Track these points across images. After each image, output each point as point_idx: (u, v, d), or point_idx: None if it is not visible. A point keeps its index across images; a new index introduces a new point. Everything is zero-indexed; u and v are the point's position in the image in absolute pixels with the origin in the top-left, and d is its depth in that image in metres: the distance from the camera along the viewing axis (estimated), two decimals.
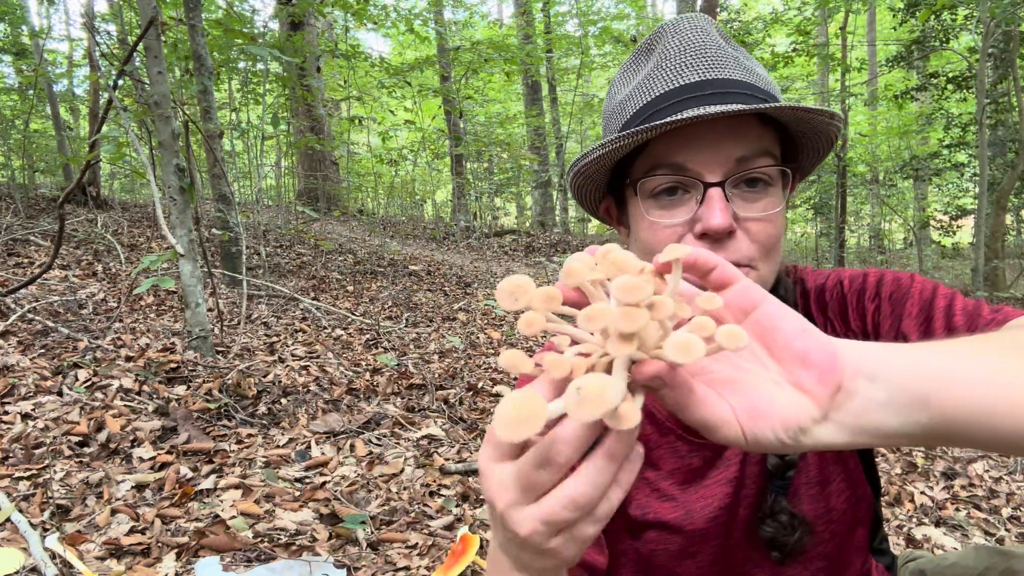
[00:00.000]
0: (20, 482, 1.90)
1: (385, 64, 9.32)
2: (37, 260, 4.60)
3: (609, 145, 0.67)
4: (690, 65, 0.70)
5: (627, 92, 0.75)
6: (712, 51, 0.71)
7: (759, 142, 0.68)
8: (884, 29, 15.51)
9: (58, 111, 8.20)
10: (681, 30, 0.73)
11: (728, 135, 0.67)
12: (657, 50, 0.74)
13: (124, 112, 3.07)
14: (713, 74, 0.69)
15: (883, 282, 0.71)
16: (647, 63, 0.75)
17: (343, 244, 7.52)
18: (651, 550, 0.77)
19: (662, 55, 0.72)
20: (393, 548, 1.80)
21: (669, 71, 0.70)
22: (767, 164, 0.68)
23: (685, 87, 0.69)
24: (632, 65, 0.78)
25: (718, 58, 0.70)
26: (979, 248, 7.51)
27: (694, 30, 0.72)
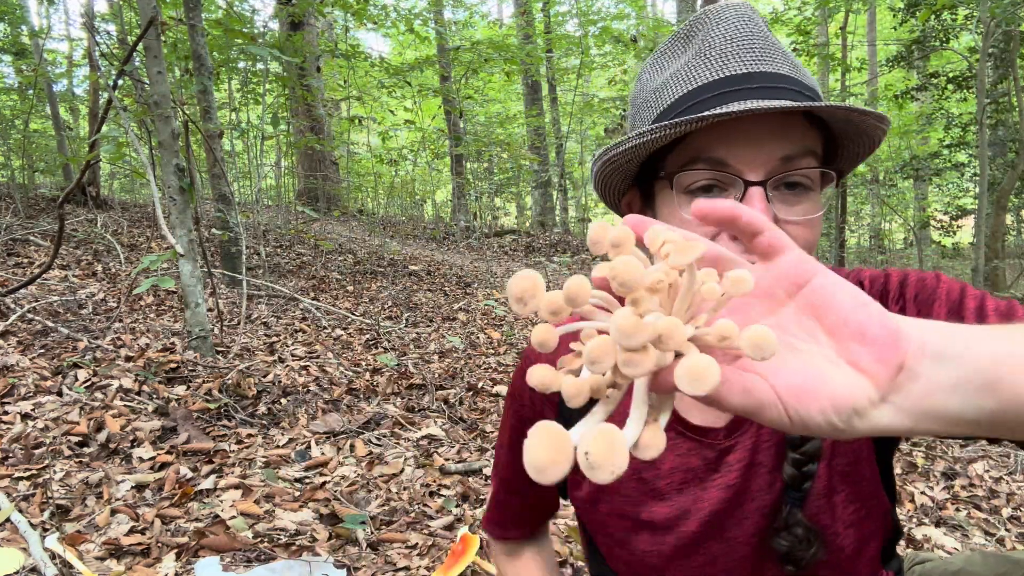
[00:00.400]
0: (20, 482, 1.90)
1: (385, 64, 9.32)
2: (37, 260, 4.60)
3: (649, 134, 0.63)
4: (736, 55, 0.66)
5: (663, 79, 0.70)
6: (760, 42, 0.67)
7: (803, 142, 0.64)
8: (884, 29, 15.51)
9: (58, 111, 8.20)
10: (725, 19, 0.68)
11: (773, 132, 0.63)
12: (698, 38, 0.69)
13: (124, 112, 3.06)
14: (761, 67, 0.65)
15: (907, 283, 0.68)
16: (685, 51, 0.71)
17: (343, 244, 7.52)
18: (644, 551, 0.76)
19: (705, 43, 0.68)
20: (393, 548, 1.80)
21: (713, 60, 0.66)
22: (811, 165, 0.65)
23: (731, 78, 0.65)
24: (668, 52, 0.73)
25: (766, 50, 0.66)
26: (979, 248, 7.51)
27: (740, 19, 0.68)
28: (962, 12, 8.35)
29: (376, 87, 10.40)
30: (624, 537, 0.78)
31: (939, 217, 11.92)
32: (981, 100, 7.26)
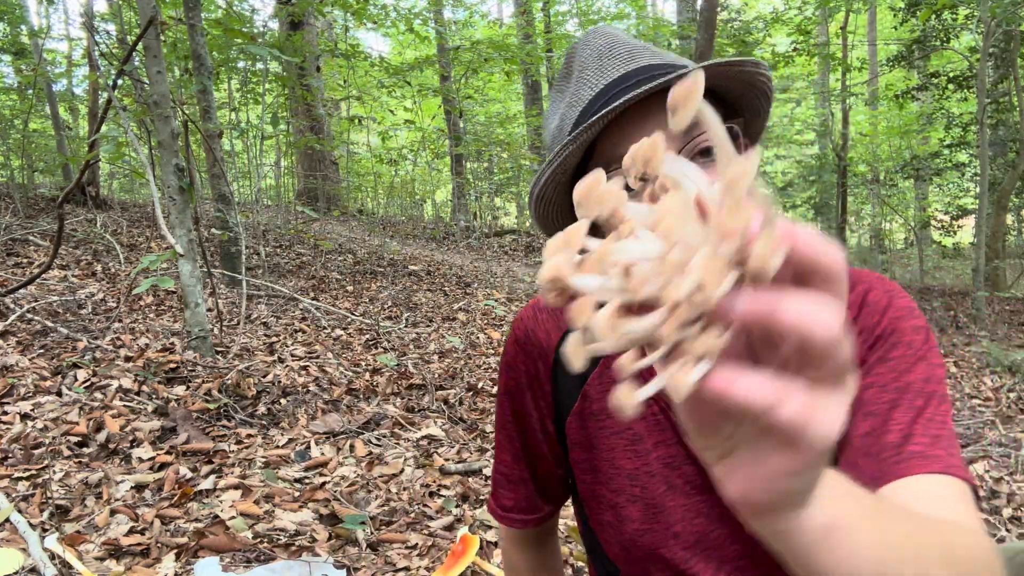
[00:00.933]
0: (19, 482, 1.90)
1: (385, 64, 9.31)
2: (36, 260, 4.60)
3: (557, 158, 0.67)
4: (608, 66, 0.71)
5: (560, 115, 0.76)
6: (625, 47, 0.73)
7: None
8: (885, 29, 15.50)
9: (57, 111, 8.19)
10: (590, 42, 0.75)
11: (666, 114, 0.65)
12: (574, 67, 0.76)
13: (123, 112, 3.06)
14: (633, 65, 0.71)
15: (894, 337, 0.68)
16: (569, 82, 0.76)
17: (343, 244, 7.52)
18: (635, 529, 0.77)
19: (580, 67, 0.74)
20: (393, 548, 1.80)
21: (590, 76, 0.72)
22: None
23: (611, 84, 0.70)
24: (557, 93, 0.79)
25: (633, 50, 0.72)
26: (980, 248, 7.50)
27: (602, 36, 0.75)
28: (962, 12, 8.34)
29: (376, 87, 10.40)
30: (616, 521, 0.79)
31: (940, 217, 11.92)
32: (982, 100, 7.25)
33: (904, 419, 0.63)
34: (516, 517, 0.92)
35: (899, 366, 0.66)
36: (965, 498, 0.58)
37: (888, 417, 0.63)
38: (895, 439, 0.62)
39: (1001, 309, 8.81)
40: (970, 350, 5.95)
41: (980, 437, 3.09)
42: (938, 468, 0.59)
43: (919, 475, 0.58)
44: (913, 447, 0.61)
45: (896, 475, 0.59)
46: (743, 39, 9.69)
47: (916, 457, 0.60)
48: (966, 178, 12.64)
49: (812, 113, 14.19)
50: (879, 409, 0.65)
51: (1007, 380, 4.47)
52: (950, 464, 0.60)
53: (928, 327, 0.70)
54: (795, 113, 14.83)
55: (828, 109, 10.89)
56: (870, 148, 12.08)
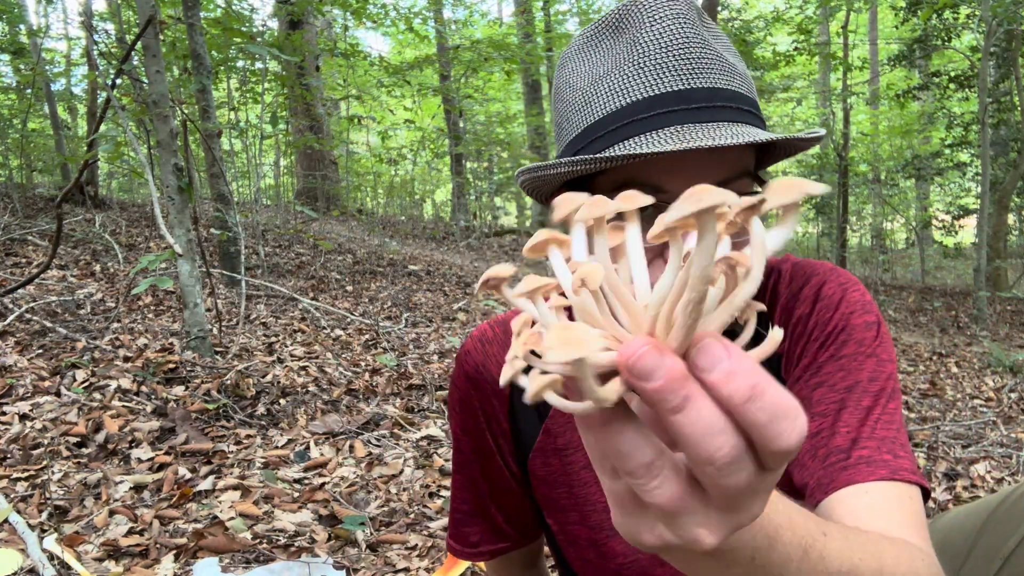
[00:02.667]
0: (18, 483, 1.89)
1: (384, 63, 9.31)
2: (35, 260, 4.59)
3: (579, 164, 0.60)
4: (672, 68, 0.61)
5: (591, 79, 0.65)
6: (696, 49, 0.62)
7: (739, 163, 0.63)
8: (886, 28, 15.49)
9: (56, 110, 8.19)
10: (660, 17, 0.63)
11: (712, 159, 0.61)
12: (628, 33, 0.64)
13: (122, 111, 3.05)
14: (698, 81, 0.61)
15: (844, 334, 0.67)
16: (615, 44, 0.65)
17: (342, 244, 7.51)
18: (620, 564, 0.74)
19: (637, 45, 0.63)
20: (392, 549, 1.79)
21: (647, 72, 0.62)
22: (746, 189, 0.63)
23: (666, 96, 0.61)
24: (594, 41, 0.67)
25: (703, 59, 0.62)
26: (981, 248, 7.50)
27: (675, 20, 0.63)
28: (964, 11, 8.34)
29: (375, 86, 10.39)
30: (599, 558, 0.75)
31: (941, 217, 11.92)
32: (983, 99, 7.25)
33: (852, 421, 0.62)
34: (486, 550, 0.86)
35: (848, 364, 0.66)
36: (908, 503, 0.58)
37: (836, 419, 0.63)
38: (843, 443, 0.61)
39: (1003, 309, 8.80)
40: (971, 350, 5.94)
41: (981, 437, 3.08)
42: (884, 474, 0.59)
43: (865, 483, 0.58)
44: (860, 451, 0.60)
45: (843, 482, 0.59)
46: (744, 38, 9.68)
47: (862, 463, 0.59)
48: (967, 178, 12.64)
49: (813, 112, 14.19)
50: (827, 410, 0.64)
51: (1008, 380, 4.46)
52: (897, 468, 0.59)
53: (880, 320, 0.69)
54: (796, 112, 14.81)
55: (829, 108, 10.89)
56: (871, 148, 12.07)
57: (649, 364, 0.26)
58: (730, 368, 0.26)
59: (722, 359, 0.26)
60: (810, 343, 0.68)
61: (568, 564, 0.82)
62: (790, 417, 0.26)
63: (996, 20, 6.84)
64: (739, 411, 0.26)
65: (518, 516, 0.85)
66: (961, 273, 12.55)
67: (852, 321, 0.67)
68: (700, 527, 0.29)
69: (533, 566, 0.95)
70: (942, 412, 3.54)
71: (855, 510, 0.57)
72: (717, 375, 0.26)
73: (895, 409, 0.64)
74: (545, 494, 0.79)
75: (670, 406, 0.26)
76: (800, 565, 0.40)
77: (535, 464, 0.79)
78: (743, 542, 0.37)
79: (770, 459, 0.27)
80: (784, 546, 0.39)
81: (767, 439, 0.26)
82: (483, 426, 0.80)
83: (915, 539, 0.55)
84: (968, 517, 0.87)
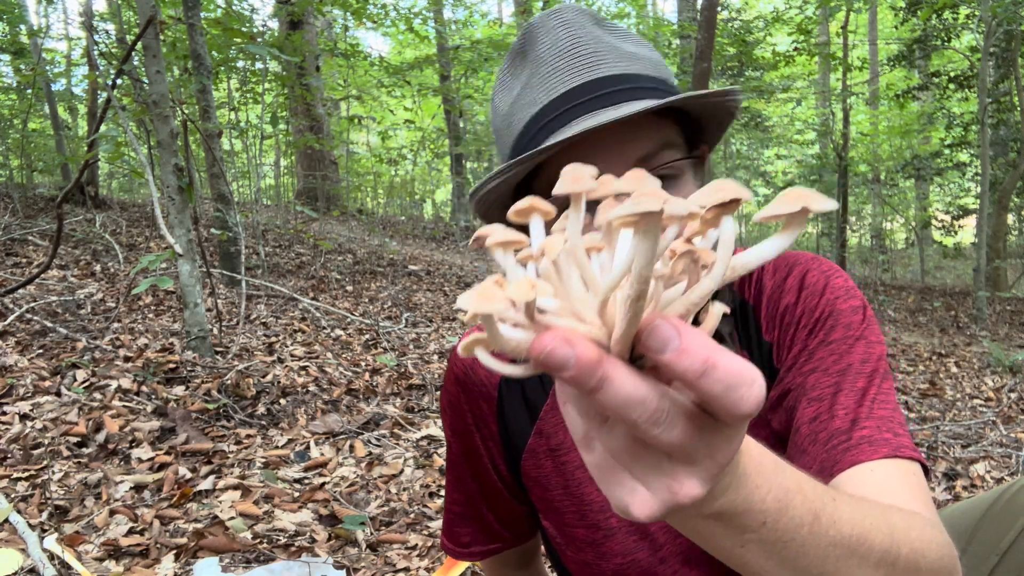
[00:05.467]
0: (18, 483, 1.89)
1: (384, 63, 9.31)
2: (35, 260, 4.59)
3: (504, 173, 0.64)
4: (567, 69, 0.66)
5: (510, 103, 0.71)
6: (587, 48, 0.67)
7: (659, 135, 0.65)
8: (885, 28, 15.49)
9: (56, 110, 8.19)
10: (550, 28, 0.69)
11: (625, 137, 0.64)
12: (530, 55, 0.70)
13: (122, 111, 3.06)
14: (594, 74, 0.65)
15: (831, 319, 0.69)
16: (523, 67, 0.71)
17: (342, 244, 7.51)
18: (619, 564, 0.74)
19: (536, 60, 0.68)
20: (393, 549, 1.79)
21: (547, 78, 0.67)
22: (673, 158, 0.65)
23: (568, 94, 0.65)
24: (509, 71, 0.73)
25: (595, 55, 0.66)
26: (981, 248, 7.50)
27: (564, 26, 0.68)
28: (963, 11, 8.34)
29: (376, 86, 10.39)
30: (597, 559, 0.75)
31: (941, 217, 11.92)
32: (983, 99, 7.25)
33: (849, 403, 0.63)
34: (477, 550, 0.87)
35: (839, 348, 0.67)
36: (913, 479, 0.59)
37: (833, 402, 0.64)
38: (843, 425, 0.62)
39: (1002, 309, 8.80)
40: (971, 350, 5.94)
41: (981, 437, 3.08)
42: (887, 452, 0.60)
43: (870, 462, 0.59)
44: (861, 431, 0.61)
45: (847, 463, 0.60)
46: (743, 38, 9.68)
47: (864, 443, 0.61)
48: (967, 178, 12.64)
49: (813, 113, 14.19)
50: (823, 394, 0.65)
51: (1008, 380, 4.46)
52: (899, 446, 0.60)
53: (866, 304, 0.70)
54: (795, 113, 14.82)
55: (829, 108, 10.89)
56: (871, 148, 12.07)
57: (559, 357, 0.28)
58: (681, 347, 0.28)
59: (672, 339, 0.28)
60: (799, 331, 0.69)
61: (565, 567, 0.82)
62: (745, 384, 0.28)
63: (996, 20, 6.84)
64: (695, 385, 0.28)
65: (510, 517, 0.86)
66: (961, 273, 12.55)
67: (838, 306, 0.69)
68: (672, 481, 0.32)
69: (528, 566, 0.95)
70: (942, 412, 3.54)
71: (863, 487, 0.58)
72: (669, 355, 0.28)
73: (889, 388, 0.66)
74: (540, 496, 0.79)
75: (587, 388, 0.29)
76: (812, 529, 0.41)
77: (527, 466, 0.79)
78: (752, 507, 0.38)
79: (730, 420, 0.30)
80: (795, 511, 0.40)
81: (726, 407, 0.29)
82: (472, 429, 0.81)
83: (924, 511, 0.56)
84: (964, 513, 0.87)
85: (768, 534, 0.39)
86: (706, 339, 0.28)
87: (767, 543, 0.39)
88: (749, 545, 0.39)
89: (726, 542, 0.39)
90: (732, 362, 0.28)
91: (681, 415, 0.30)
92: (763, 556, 0.40)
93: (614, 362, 0.29)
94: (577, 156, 0.63)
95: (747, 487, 0.37)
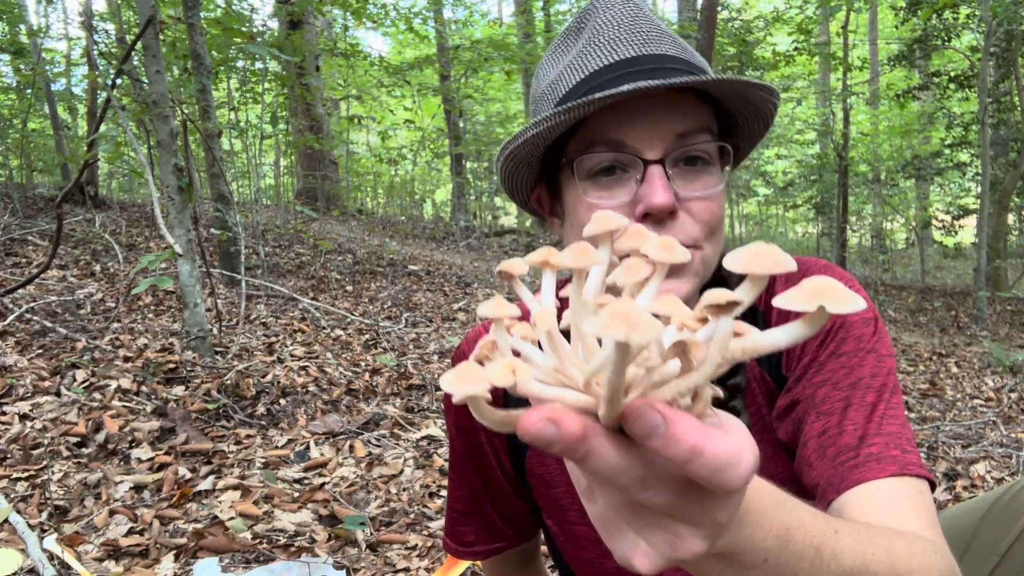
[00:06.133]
0: (18, 483, 1.89)
1: (384, 63, 9.31)
2: (35, 260, 4.59)
3: (544, 122, 0.63)
4: (624, 40, 0.68)
5: (558, 71, 0.71)
6: (645, 25, 0.69)
7: (698, 118, 0.66)
8: (886, 28, 15.49)
9: (56, 110, 8.19)
10: (611, 5, 0.71)
11: (667, 110, 0.65)
12: (587, 28, 0.71)
13: (122, 111, 3.06)
14: (649, 49, 0.67)
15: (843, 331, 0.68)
16: (577, 42, 0.72)
17: (342, 244, 7.51)
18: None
19: (594, 31, 0.70)
20: (392, 549, 1.79)
21: (603, 47, 0.68)
22: (706, 140, 0.66)
23: (621, 62, 0.67)
24: (561, 46, 0.74)
25: (652, 32, 0.69)
26: (981, 248, 7.50)
27: (625, 5, 0.71)
28: (964, 11, 8.33)
29: (375, 86, 10.39)
30: (599, 557, 0.75)
31: (941, 217, 11.91)
32: (983, 99, 7.25)
33: (858, 418, 0.63)
34: (481, 549, 0.87)
35: (850, 362, 0.67)
36: (919, 498, 0.59)
37: (843, 417, 0.64)
38: (851, 441, 0.62)
39: (1002, 309, 8.80)
40: (971, 350, 5.94)
41: (981, 437, 3.08)
42: (894, 470, 0.60)
43: (877, 480, 0.59)
44: (870, 448, 0.61)
45: (855, 480, 0.60)
46: (743, 38, 9.68)
47: (872, 460, 0.61)
48: (967, 178, 12.64)
49: (813, 112, 14.18)
50: (833, 408, 0.65)
51: (1008, 380, 4.46)
52: (906, 463, 0.61)
53: (877, 316, 0.70)
54: (796, 112, 14.81)
55: (829, 108, 10.89)
56: (871, 148, 12.07)
57: (545, 437, 0.29)
58: (667, 434, 0.29)
59: (658, 426, 0.29)
60: (810, 341, 0.69)
61: (568, 565, 0.82)
62: (732, 465, 0.29)
63: (996, 20, 6.84)
64: (684, 470, 0.30)
65: (514, 514, 0.86)
66: (961, 273, 12.55)
67: (850, 318, 0.68)
68: (673, 538, 0.33)
69: (528, 565, 0.95)
70: (942, 412, 3.54)
71: (868, 507, 0.58)
72: (655, 442, 0.29)
73: (898, 403, 0.65)
74: (544, 494, 0.79)
75: (575, 459, 0.30)
76: (813, 563, 0.41)
77: (532, 463, 0.79)
78: (754, 545, 0.38)
79: (722, 494, 0.32)
80: (796, 546, 0.40)
81: (714, 486, 0.30)
82: (477, 424, 0.80)
83: (928, 532, 0.56)
84: (965, 514, 0.87)
85: (770, 570, 0.39)
86: (692, 424, 0.29)
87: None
88: None
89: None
90: (719, 445, 0.29)
91: (671, 481, 0.31)
92: None
93: (599, 435, 0.30)
94: (620, 120, 0.64)
95: (748, 527, 0.38)
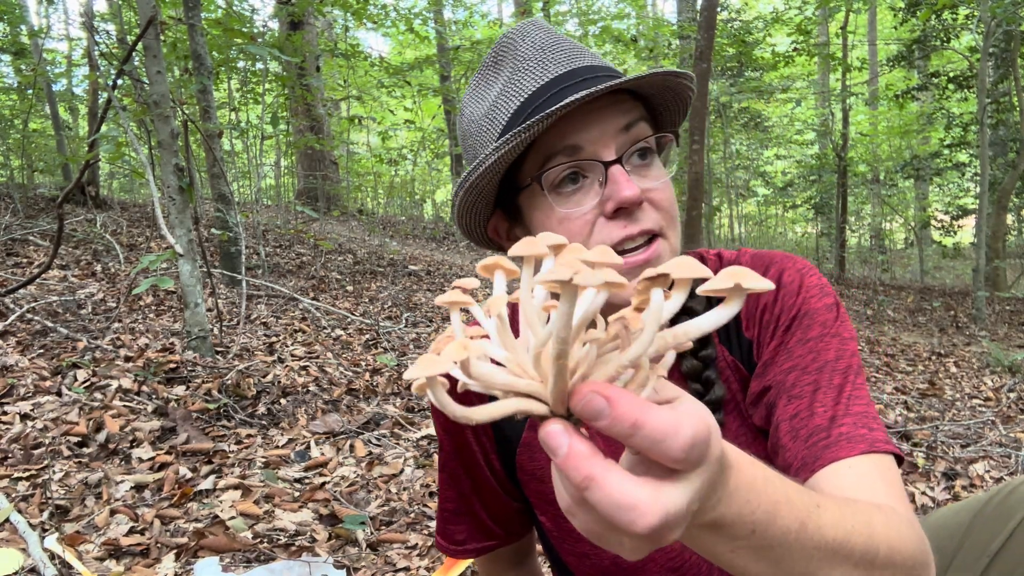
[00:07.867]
0: (19, 482, 1.89)
1: (385, 63, 9.31)
2: (36, 260, 4.60)
3: (506, 144, 0.66)
4: (552, 59, 0.72)
5: (490, 102, 0.74)
6: (566, 45, 0.74)
7: (637, 111, 0.72)
8: (885, 28, 15.50)
9: (57, 111, 8.19)
10: (528, 33, 0.75)
11: (610, 112, 0.70)
12: (508, 58, 0.75)
13: (123, 112, 3.06)
14: (577, 63, 0.72)
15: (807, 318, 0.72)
16: (500, 74, 0.75)
17: (343, 244, 7.52)
18: (615, 555, 0.75)
19: (517, 59, 0.74)
20: (393, 549, 1.80)
21: (533, 69, 0.72)
22: (649, 131, 0.72)
23: (556, 79, 0.71)
24: (482, 82, 0.78)
25: (574, 50, 0.74)
26: (980, 248, 7.51)
27: (540, 30, 0.75)
28: (963, 12, 8.34)
29: (376, 87, 10.39)
30: (594, 551, 0.77)
31: (940, 217, 11.92)
32: (982, 100, 7.25)
33: (827, 400, 0.67)
34: (472, 547, 0.88)
35: (816, 347, 0.70)
36: (889, 474, 0.63)
37: (813, 399, 0.67)
38: (822, 422, 0.66)
39: (1001, 309, 8.81)
40: (970, 350, 5.95)
41: (980, 437, 3.09)
42: (864, 447, 0.63)
43: (848, 458, 0.63)
44: (840, 428, 0.65)
45: (828, 459, 0.64)
46: (743, 39, 9.69)
47: (843, 440, 0.64)
48: (966, 178, 12.65)
49: (812, 113, 14.19)
50: (803, 392, 0.68)
51: (1007, 380, 4.47)
52: (874, 440, 0.64)
53: (838, 302, 0.74)
54: (795, 113, 14.82)
55: (828, 109, 10.89)
56: (870, 148, 12.08)
57: None
58: (612, 415, 0.33)
59: (603, 408, 0.33)
60: (778, 328, 0.73)
61: (562, 560, 0.83)
62: (670, 437, 0.34)
63: (995, 21, 6.84)
64: (627, 443, 0.34)
65: (503, 514, 0.87)
66: (960, 273, 12.56)
67: (813, 305, 0.72)
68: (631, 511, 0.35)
69: (523, 564, 0.96)
70: (941, 412, 3.54)
71: (842, 484, 0.62)
72: (601, 423, 0.34)
73: (862, 384, 0.69)
74: (536, 489, 0.80)
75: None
76: (799, 536, 0.44)
77: (522, 459, 0.80)
78: (743, 518, 0.41)
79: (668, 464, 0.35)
80: (783, 520, 0.43)
81: (656, 456, 0.34)
82: (462, 424, 0.81)
83: (899, 505, 0.60)
84: (956, 515, 0.89)
85: (758, 541, 0.42)
86: (633, 401, 0.33)
87: (757, 549, 0.43)
88: (739, 551, 0.43)
89: (718, 548, 0.43)
90: (657, 419, 0.33)
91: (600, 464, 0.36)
92: (753, 560, 0.43)
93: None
94: (570, 129, 0.68)
95: (738, 501, 0.41)
